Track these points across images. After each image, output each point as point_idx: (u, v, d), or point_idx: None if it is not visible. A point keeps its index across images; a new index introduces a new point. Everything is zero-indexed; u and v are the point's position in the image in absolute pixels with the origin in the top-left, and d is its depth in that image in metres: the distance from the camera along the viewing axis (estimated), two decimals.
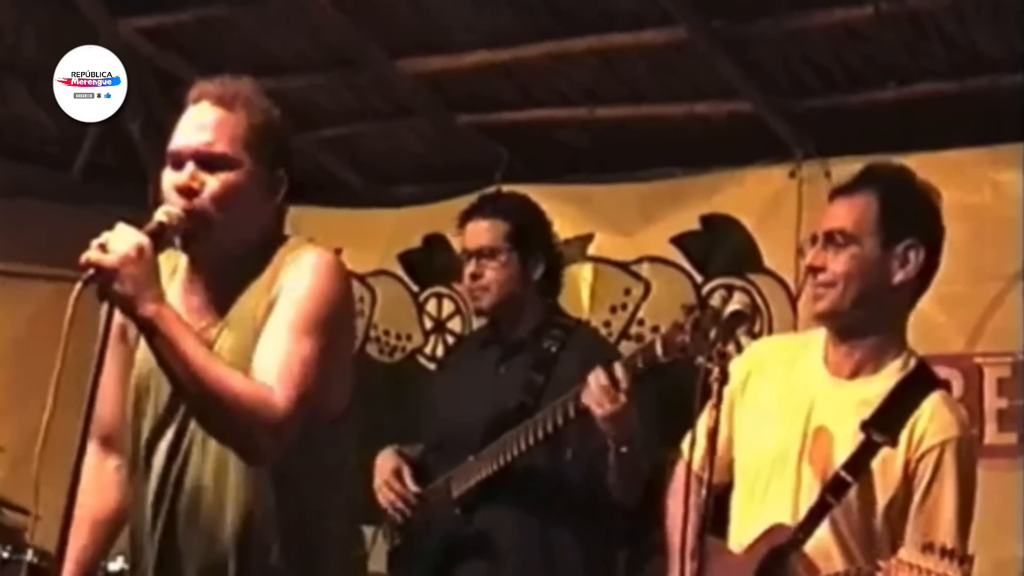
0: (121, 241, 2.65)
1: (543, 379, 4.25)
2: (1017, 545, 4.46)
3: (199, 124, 2.88)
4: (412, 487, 4.38)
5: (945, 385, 3.32)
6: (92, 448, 3.02)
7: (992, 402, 4.73)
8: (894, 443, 3.16)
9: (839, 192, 3.37)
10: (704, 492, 2.96)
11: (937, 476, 3.15)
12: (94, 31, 5.73)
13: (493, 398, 4.29)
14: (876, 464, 3.17)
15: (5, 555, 4.64)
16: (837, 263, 3.25)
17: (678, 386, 3.65)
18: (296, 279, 2.82)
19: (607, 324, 5.46)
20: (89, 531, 3.04)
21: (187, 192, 2.83)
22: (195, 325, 2.83)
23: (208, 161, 2.85)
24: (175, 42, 5.99)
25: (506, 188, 5.25)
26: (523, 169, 5.81)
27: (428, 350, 5.92)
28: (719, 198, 5.36)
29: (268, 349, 2.76)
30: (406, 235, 6.04)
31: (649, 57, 5.32)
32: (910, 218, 3.30)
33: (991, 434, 4.69)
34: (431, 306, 5.96)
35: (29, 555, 4.61)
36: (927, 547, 2.84)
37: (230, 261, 2.90)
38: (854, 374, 3.30)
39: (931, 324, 4.74)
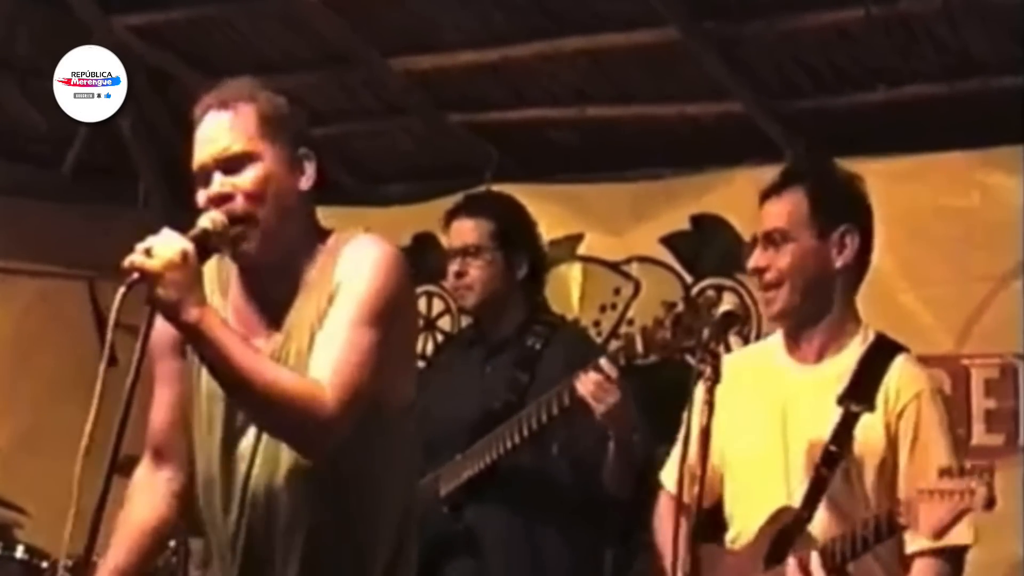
0: (166, 246, 2.64)
1: (528, 377, 4.26)
2: (1007, 545, 4.47)
3: (211, 134, 2.88)
4: None
5: (906, 349, 3.42)
6: (144, 460, 3.07)
7: (980, 403, 4.75)
8: (872, 408, 3.28)
9: (768, 194, 3.49)
10: (697, 489, 2.98)
11: (920, 425, 3.27)
12: (86, 29, 5.73)
13: (480, 397, 4.31)
14: (860, 433, 3.27)
15: None
16: (779, 260, 3.39)
17: (669, 383, 3.68)
18: (354, 271, 2.81)
19: (597, 323, 5.47)
20: (134, 541, 3.01)
21: (220, 200, 2.82)
22: (255, 335, 2.84)
23: (231, 164, 2.84)
24: (167, 40, 6.00)
25: (496, 187, 5.26)
26: (513, 168, 5.82)
27: (418, 349, 5.91)
28: (709, 198, 5.37)
29: (325, 345, 2.76)
30: (396, 234, 5.98)
31: (640, 57, 5.33)
32: (840, 206, 3.44)
33: (979, 435, 4.72)
34: (421, 304, 5.96)
35: (20, 552, 4.61)
36: (944, 472, 2.94)
37: (282, 264, 2.88)
38: (820, 357, 3.41)
39: (919, 325, 4.78)
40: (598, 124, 5.69)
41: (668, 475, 3.61)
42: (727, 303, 3.38)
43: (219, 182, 2.83)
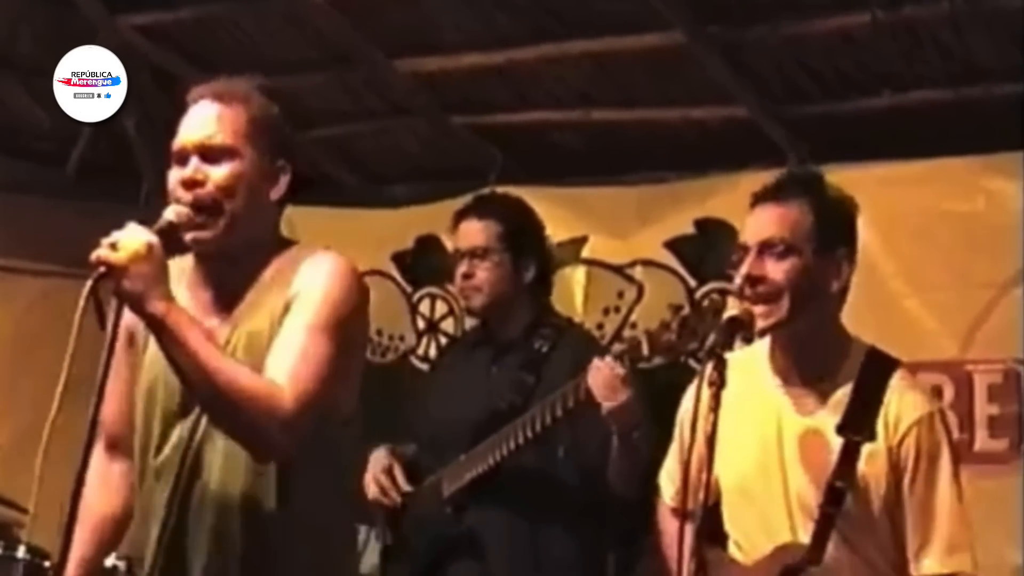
0: (131, 239, 2.70)
1: (534, 379, 4.27)
2: (1009, 550, 4.48)
3: (200, 120, 2.96)
4: (404, 486, 4.40)
5: (899, 363, 3.32)
6: (98, 452, 3.07)
7: (983, 408, 4.75)
8: (872, 437, 3.20)
9: (766, 199, 3.32)
10: (702, 495, 2.96)
11: (922, 453, 3.21)
12: (91, 28, 5.73)
13: (485, 398, 4.31)
14: (863, 462, 3.21)
15: None
16: (778, 272, 3.22)
17: (668, 386, 3.68)
18: (315, 281, 2.87)
19: (600, 326, 5.46)
20: (93, 533, 3.08)
21: (192, 184, 2.89)
22: (205, 321, 2.87)
23: (210, 153, 2.91)
24: (172, 40, 6.01)
25: (500, 190, 5.26)
26: (517, 171, 5.82)
27: (421, 351, 5.91)
28: (713, 202, 5.36)
29: (283, 348, 2.80)
30: (399, 235, 6.03)
31: (645, 61, 5.33)
32: (841, 228, 3.31)
33: (982, 440, 4.72)
34: (424, 307, 5.96)
35: (21, 551, 4.60)
36: (951, 548, 2.99)
37: (237, 257, 2.94)
38: (812, 381, 3.30)
39: (922, 331, 4.78)
40: (602, 127, 5.69)
41: (665, 483, 3.59)
42: (732, 307, 3.30)
43: (194, 167, 2.91)
